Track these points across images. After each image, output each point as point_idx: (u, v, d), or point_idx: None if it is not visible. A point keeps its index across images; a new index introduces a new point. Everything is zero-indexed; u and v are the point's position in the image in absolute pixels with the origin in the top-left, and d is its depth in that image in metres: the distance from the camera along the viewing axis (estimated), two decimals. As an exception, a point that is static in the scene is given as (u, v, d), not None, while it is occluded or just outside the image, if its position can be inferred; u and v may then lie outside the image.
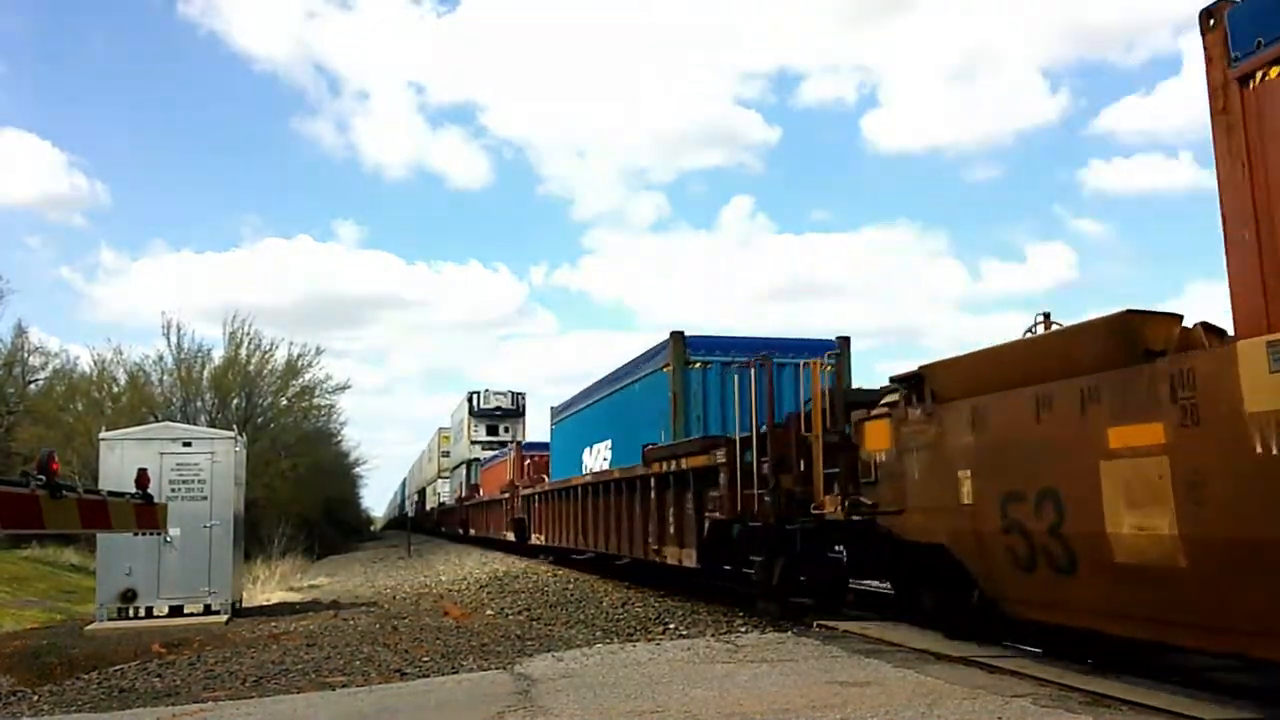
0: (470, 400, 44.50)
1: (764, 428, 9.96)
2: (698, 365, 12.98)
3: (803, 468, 9.46)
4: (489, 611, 12.28)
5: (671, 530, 12.04)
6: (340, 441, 53.78)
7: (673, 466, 11.86)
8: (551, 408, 21.93)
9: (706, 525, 10.94)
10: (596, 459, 17.08)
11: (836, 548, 9.88)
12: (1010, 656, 6.64)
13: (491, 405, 44.15)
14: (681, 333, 13.11)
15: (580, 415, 19.03)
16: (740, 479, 10.04)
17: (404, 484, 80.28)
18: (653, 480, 12.65)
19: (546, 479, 21.46)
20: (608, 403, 16.76)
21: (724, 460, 10.34)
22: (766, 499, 9.65)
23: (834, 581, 10.00)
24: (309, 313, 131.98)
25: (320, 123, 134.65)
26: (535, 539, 21.34)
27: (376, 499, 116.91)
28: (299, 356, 35.58)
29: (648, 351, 14.56)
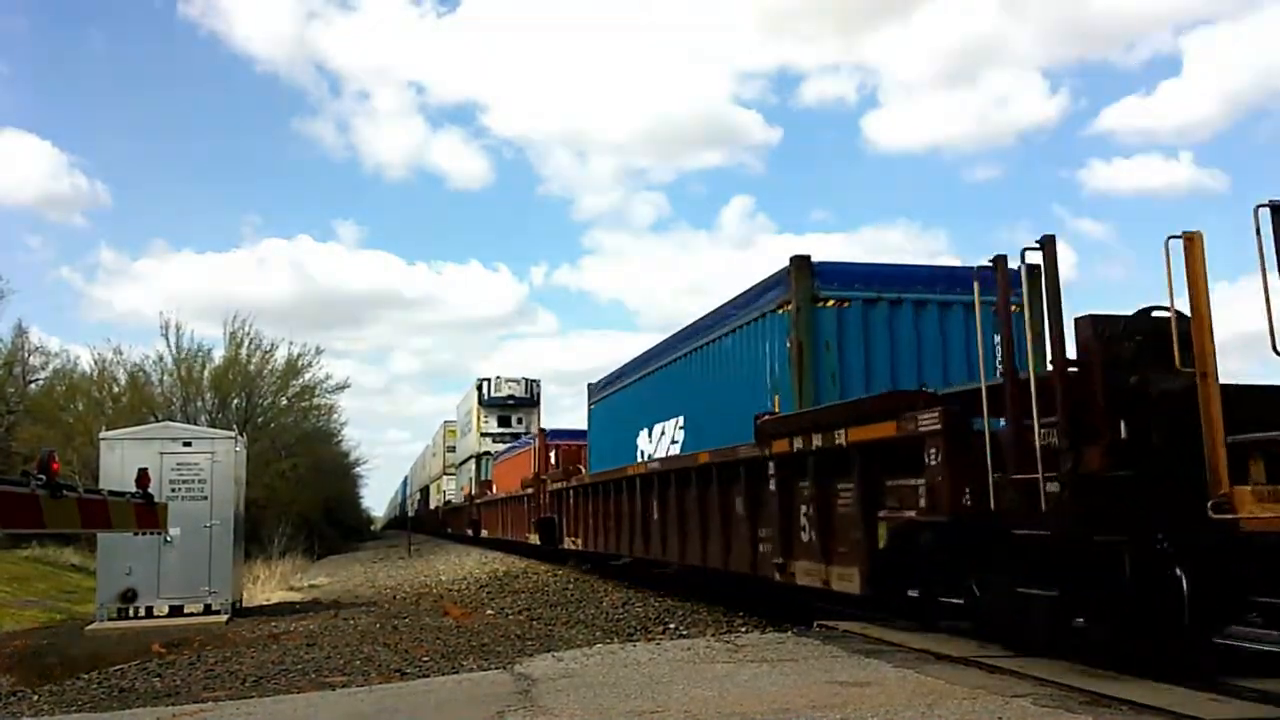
0: (480, 389, 40.05)
1: (1021, 372, 6.47)
2: (831, 303, 9.50)
3: (1123, 435, 5.82)
4: (489, 611, 12.28)
5: (809, 537, 8.58)
6: (340, 441, 53.87)
7: (815, 443, 8.29)
8: (589, 385, 18.52)
9: (884, 531, 7.53)
10: (660, 443, 13.46)
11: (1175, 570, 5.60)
12: (1010, 656, 6.63)
13: (503, 394, 39.71)
14: (808, 258, 9.55)
15: (633, 390, 15.31)
16: (990, 456, 6.43)
17: (405, 482, 78.42)
18: (773, 465, 9.14)
19: (584, 470, 17.94)
20: (678, 369, 13.05)
21: (936, 427, 6.80)
22: (1053, 489, 5.98)
23: (1175, 627, 5.64)
24: (310, 313, 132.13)
25: (321, 123, 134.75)
26: (570, 543, 17.82)
27: (376, 499, 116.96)
28: (299, 356, 35.64)
29: (749, 291, 10.74)
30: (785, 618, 9.45)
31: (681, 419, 12.84)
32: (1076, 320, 6.09)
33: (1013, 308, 6.73)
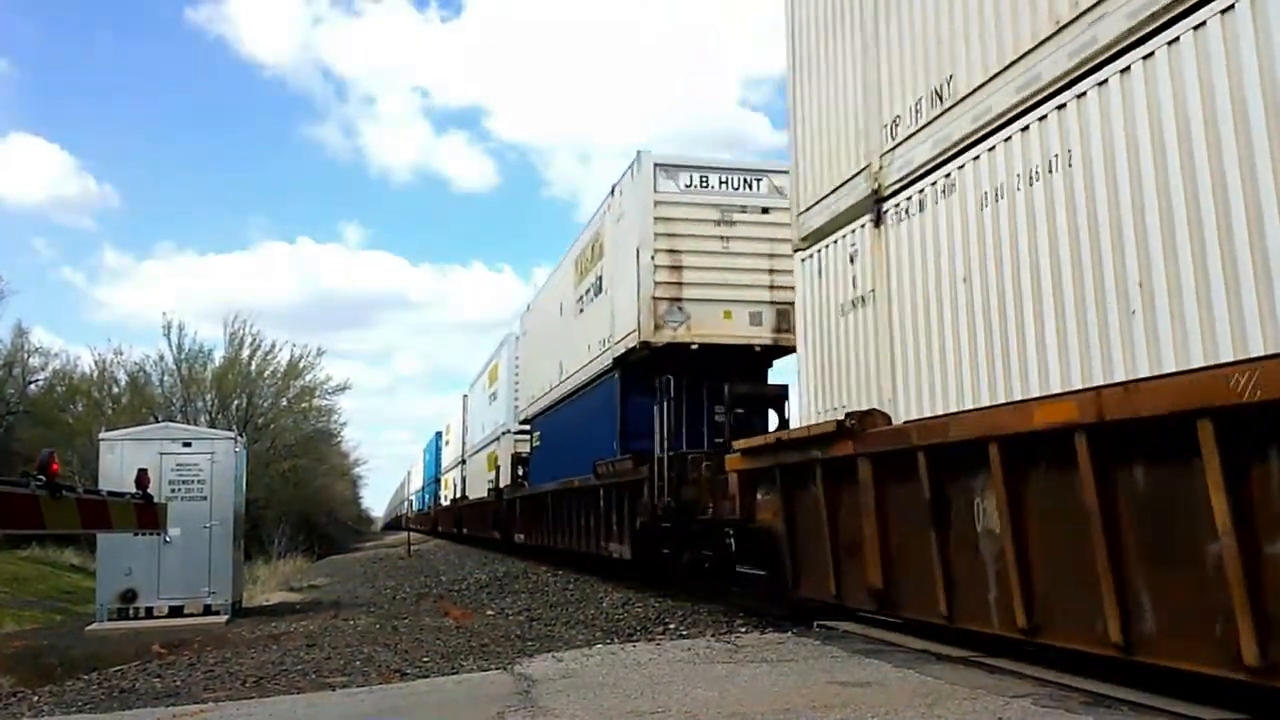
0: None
1: None
2: None
3: None
4: (489, 612, 12.27)
5: None
6: (340, 442, 53.92)
7: None
8: None
9: None
10: None
11: None
12: (1010, 657, 6.63)
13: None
14: None
15: None
16: None
17: (433, 455, 46.36)
18: None
19: None
20: None
21: None
22: None
23: None
24: (314, 314, 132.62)
25: (327, 127, 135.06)
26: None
27: (377, 499, 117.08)
28: (300, 358, 35.72)
29: None
30: (785, 618, 9.45)
31: None
32: None
33: None
